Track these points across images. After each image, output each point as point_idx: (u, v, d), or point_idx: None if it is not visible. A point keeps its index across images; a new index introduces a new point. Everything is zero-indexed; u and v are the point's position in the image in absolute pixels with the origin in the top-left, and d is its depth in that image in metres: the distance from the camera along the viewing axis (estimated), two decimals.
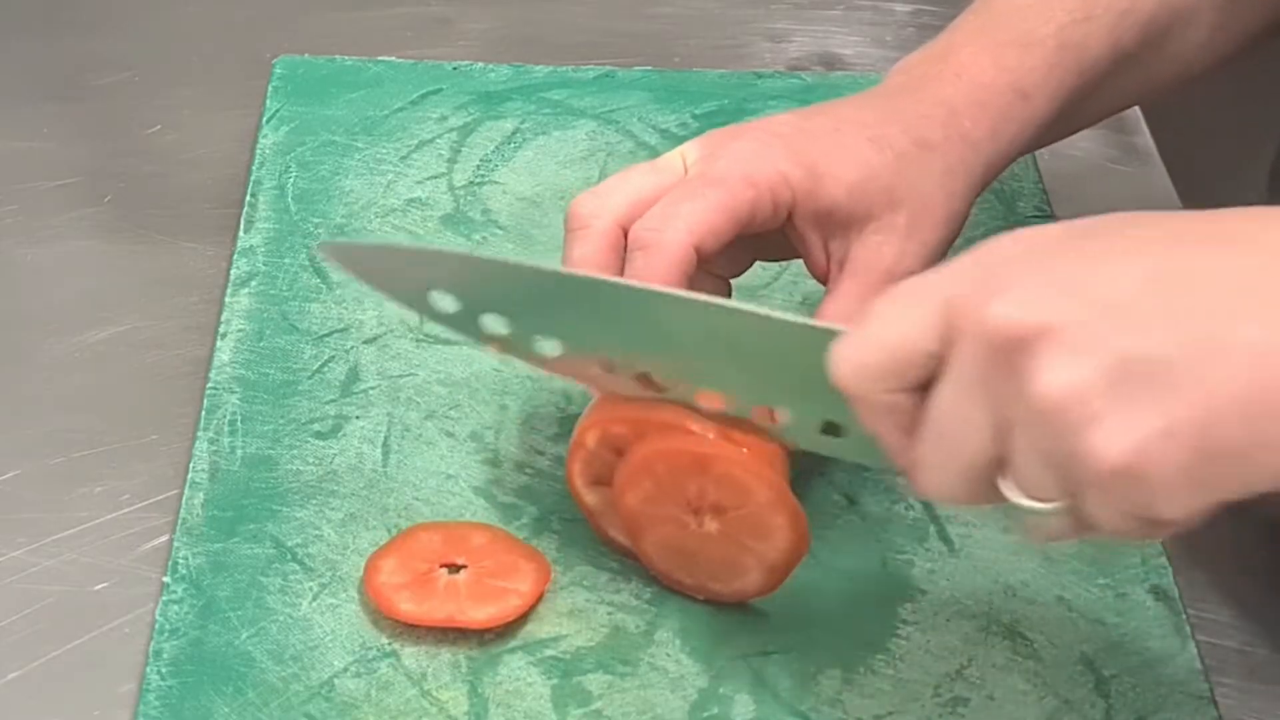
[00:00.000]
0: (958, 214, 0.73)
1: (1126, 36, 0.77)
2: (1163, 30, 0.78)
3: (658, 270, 0.67)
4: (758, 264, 0.76)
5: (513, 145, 0.94)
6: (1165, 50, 0.79)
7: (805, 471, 0.77)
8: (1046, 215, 0.90)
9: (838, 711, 0.68)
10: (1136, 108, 0.98)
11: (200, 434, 0.77)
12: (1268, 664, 0.72)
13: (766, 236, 0.72)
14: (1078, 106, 0.77)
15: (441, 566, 0.71)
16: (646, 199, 0.70)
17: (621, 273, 0.69)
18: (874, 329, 0.57)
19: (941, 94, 0.74)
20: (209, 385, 0.80)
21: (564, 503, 0.75)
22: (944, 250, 0.73)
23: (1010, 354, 0.53)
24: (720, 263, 0.72)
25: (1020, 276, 0.54)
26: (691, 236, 0.68)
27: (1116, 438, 0.51)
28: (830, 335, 0.59)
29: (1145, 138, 0.97)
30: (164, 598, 0.71)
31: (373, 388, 0.80)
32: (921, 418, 0.56)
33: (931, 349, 0.55)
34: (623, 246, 0.69)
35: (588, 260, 0.69)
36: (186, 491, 0.75)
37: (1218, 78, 0.87)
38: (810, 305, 0.85)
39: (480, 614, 0.70)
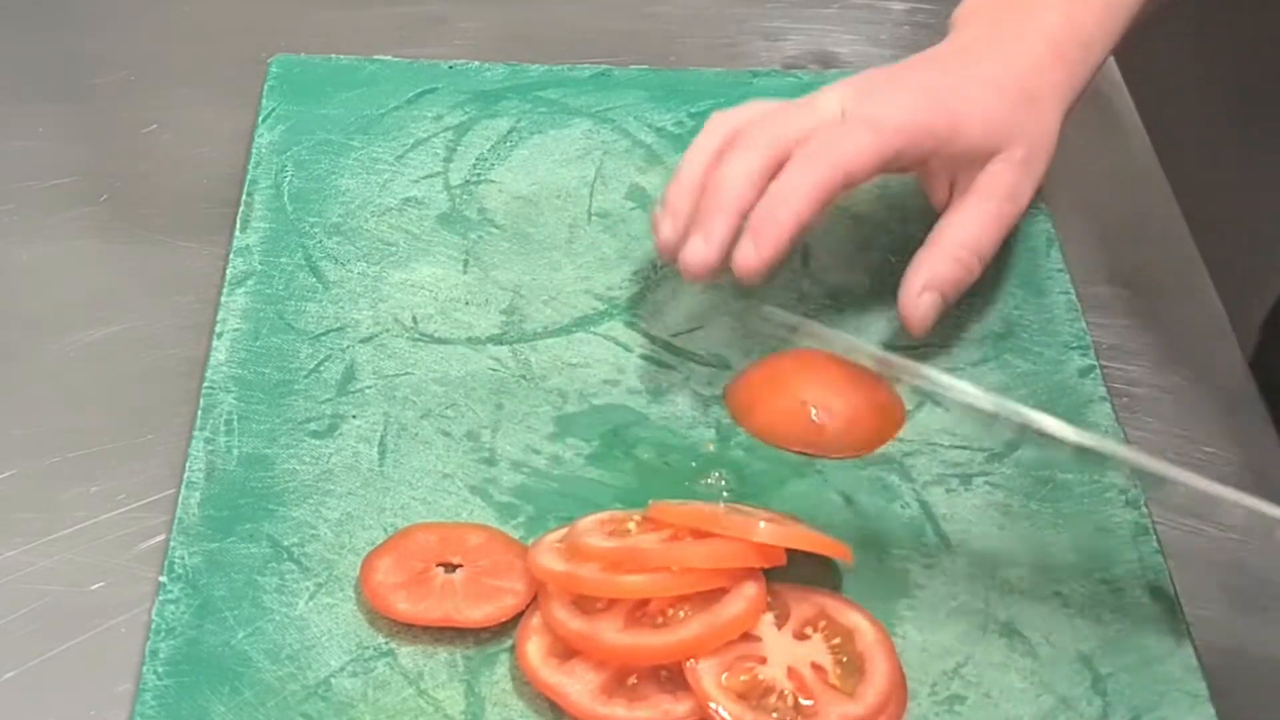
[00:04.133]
0: (1054, 149, 0.84)
1: None
2: None
3: (810, 179, 0.78)
4: None
5: (508, 144, 0.94)
6: None
7: (801, 470, 0.77)
8: (1042, 215, 0.90)
9: None
10: (1125, 90, 1.00)
11: (196, 433, 0.77)
12: (1264, 662, 0.72)
13: None
14: (1126, 38, 0.87)
15: (438, 566, 0.71)
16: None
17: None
18: None
19: (1029, 51, 0.84)
20: (205, 385, 0.80)
21: (560, 502, 0.75)
22: (1042, 179, 0.84)
23: None
24: None
25: None
26: (845, 166, 0.78)
27: None
28: None
29: (1141, 137, 0.97)
30: (160, 597, 0.71)
31: (369, 387, 0.80)
32: None
33: None
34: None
35: (753, 171, 0.78)
36: (183, 491, 0.75)
37: (1214, 71, 0.87)
38: (806, 302, 0.85)
39: (476, 613, 0.70)
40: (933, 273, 0.80)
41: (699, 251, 0.78)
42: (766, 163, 0.79)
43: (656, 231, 0.80)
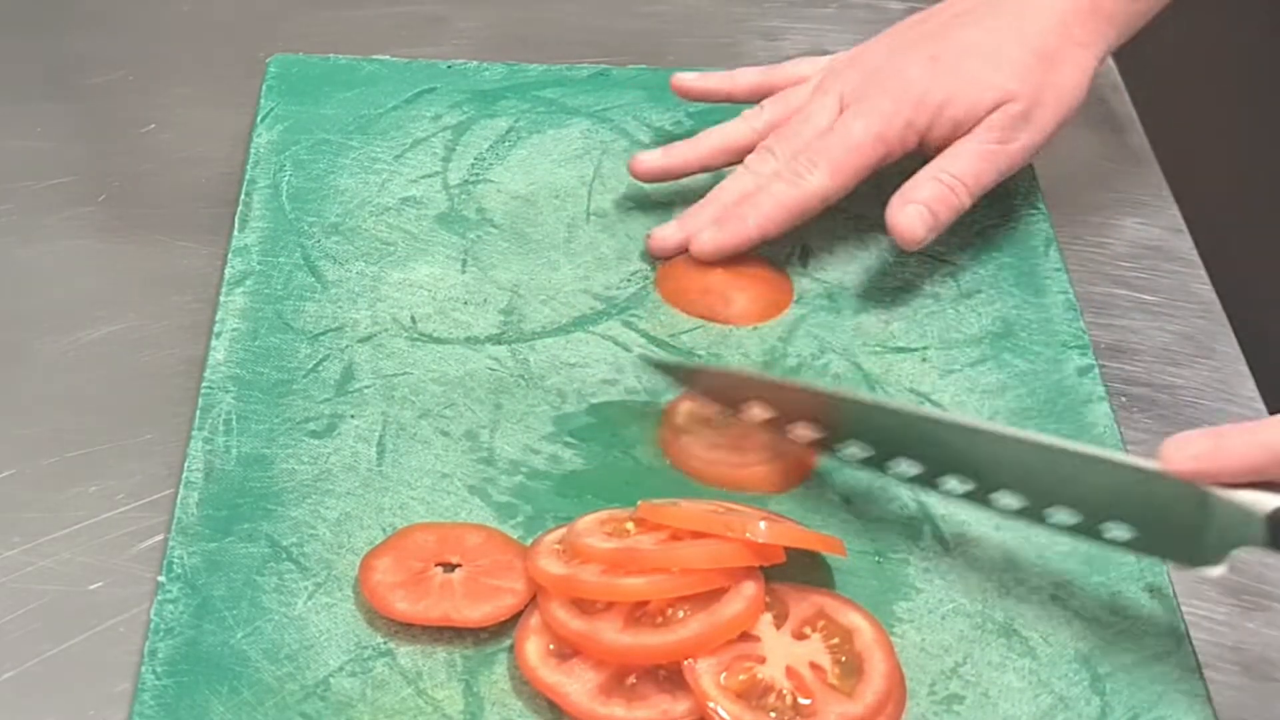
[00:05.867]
0: (1075, 101, 0.86)
1: None
2: None
3: (786, 201, 0.84)
4: None
5: (507, 144, 0.94)
6: None
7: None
8: (1041, 215, 0.91)
9: None
10: (1124, 90, 1.00)
11: (195, 433, 0.77)
12: (1262, 662, 0.72)
13: None
14: None
15: (436, 565, 0.71)
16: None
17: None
18: None
19: (1048, 11, 0.86)
20: (204, 384, 0.79)
21: (558, 502, 0.75)
22: (1058, 129, 0.86)
23: None
24: None
25: None
26: (833, 180, 0.84)
27: None
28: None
29: (1140, 137, 0.97)
30: (159, 597, 0.71)
31: (367, 387, 0.80)
32: None
33: None
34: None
35: (737, 138, 0.89)
36: (181, 491, 0.75)
37: (1215, 77, 0.87)
38: (804, 300, 0.85)
39: (475, 613, 0.70)
40: (917, 191, 0.83)
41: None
42: (762, 184, 0.86)
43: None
